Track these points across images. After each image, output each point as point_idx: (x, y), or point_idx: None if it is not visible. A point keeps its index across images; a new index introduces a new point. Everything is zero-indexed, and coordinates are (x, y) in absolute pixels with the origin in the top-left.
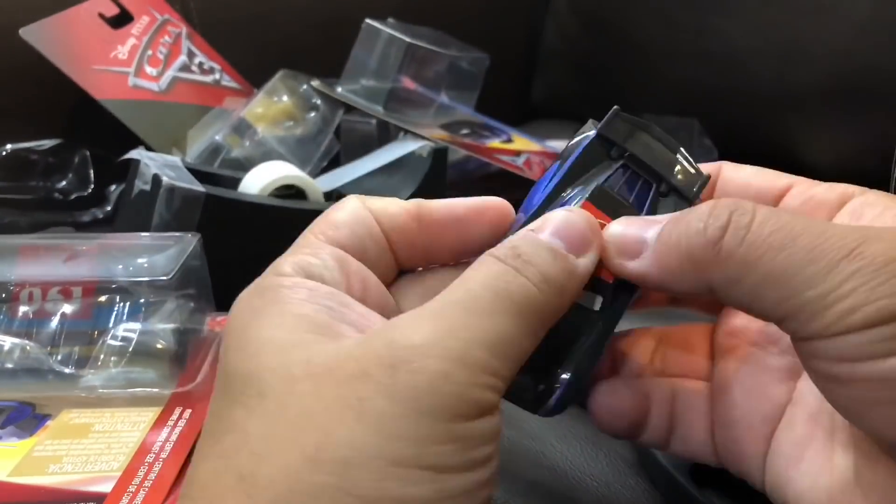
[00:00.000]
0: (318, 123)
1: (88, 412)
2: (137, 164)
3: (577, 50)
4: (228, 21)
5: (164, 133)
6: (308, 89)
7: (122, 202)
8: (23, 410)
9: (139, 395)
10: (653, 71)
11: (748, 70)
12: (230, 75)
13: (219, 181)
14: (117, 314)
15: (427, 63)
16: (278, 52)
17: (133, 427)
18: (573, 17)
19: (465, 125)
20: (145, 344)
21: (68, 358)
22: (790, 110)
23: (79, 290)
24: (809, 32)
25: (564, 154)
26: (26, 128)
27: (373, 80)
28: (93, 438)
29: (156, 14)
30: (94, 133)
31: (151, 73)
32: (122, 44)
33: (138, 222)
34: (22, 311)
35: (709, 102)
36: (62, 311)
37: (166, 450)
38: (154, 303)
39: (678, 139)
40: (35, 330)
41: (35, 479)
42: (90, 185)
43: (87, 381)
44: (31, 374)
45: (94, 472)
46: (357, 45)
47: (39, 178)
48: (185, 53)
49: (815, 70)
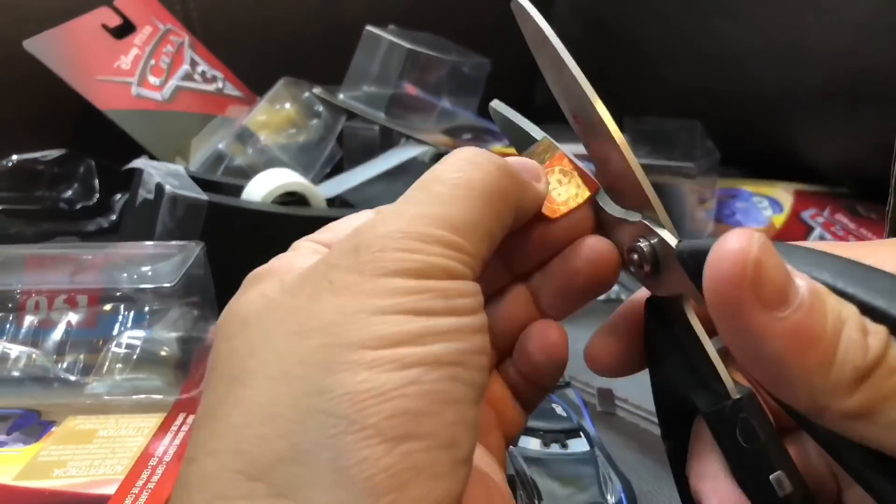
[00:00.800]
0: (321, 130)
1: (93, 418)
2: (141, 174)
3: (578, 53)
4: (231, 30)
5: (168, 142)
6: (310, 96)
7: (126, 211)
8: (28, 417)
9: (143, 401)
10: (654, 74)
11: (749, 72)
12: (233, 84)
13: (222, 189)
14: (122, 322)
15: (428, 69)
16: (280, 60)
17: (137, 433)
18: (575, 20)
19: (467, 130)
20: (149, 351)
21: (73, 366)
22: (791, 111)
23: (84, 299)
24: (810, 34)
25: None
26: (31, 138)
27: (374, 86)
28: (97, 444)
29: (158, 24)
30: (98, 143)
31: (154, 83)
32: (126, 54)
33: (142, 231)
34: (28, 319)
35: (710, 104)
36: (68, 320)
37: (169, 454)
38: (158, 311)
39: (680, 141)
40: (41, 338)
41: (40, 483)
42: (95, 194)
43: (92, 389)
44: (37, 382)
45: (98, 475)
46: (358, 52)
47: (45, 189)
48: (187, 62)
49: (816, 71)
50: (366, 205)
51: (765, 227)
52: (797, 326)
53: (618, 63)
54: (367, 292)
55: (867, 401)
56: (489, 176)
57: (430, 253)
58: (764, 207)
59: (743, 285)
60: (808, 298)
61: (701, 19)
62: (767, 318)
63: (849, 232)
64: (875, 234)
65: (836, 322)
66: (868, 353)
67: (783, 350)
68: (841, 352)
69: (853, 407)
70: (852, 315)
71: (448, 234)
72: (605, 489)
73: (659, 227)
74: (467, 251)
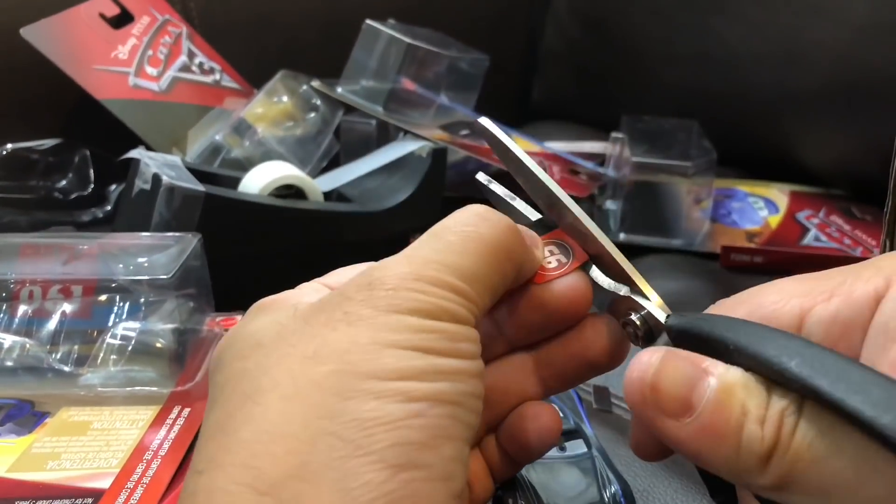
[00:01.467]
0: (318, 124)
1: (87, 410)
2: (137, 164)
3: (576, 52)
4: (229, 22)
5: (164, 133)
6: (308, 90)
7: (122, 201)
8: (22, 408)
9: (138, 393)
10: (652, 73)
11: (747, 72)
12: (230, 75)
13: (219, 181)
14: (117, 313)
15: (427, 64)
16: (278, 53)
17: (132, 425)
18: (573, 18)
19: (464, 126)
20: (145, 343)
21: (68, 356)
22: (789, 112)
23: (79, 289)
24: (808, 35)
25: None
26: (27, 127)
27: (373, 80)
28: (91, 436)
29: (156, 14)
30: (94, 133)
31: (152, 73)
32: (123, 44)
33: (138, 222)
34: (22, 309)
35: (708, 104)
36: (62, 310)
37: (164, 447)
38: (154, 302)
39: (677, 140)
40: (35, 328)
41: (33, 475)
42: (90, 184)
43: (87, 380)
44: (31, 372)
45: (93, 468)
46: (357, 46)
47: (40, 178)
48: (185, 54)
49: (814, 72)
50: (362, 199)
51: (760, 227)
52: (702, 428)
53: (616, 62)
54: (379, 326)
55: (777, 478)
56: (498, 232)
57: (439, 296)
58: (759, 208)
59: (646, 405)
60: (714, 398)
61: (699, 19)
62: (675, 425)
63: (844, 233)
64: (870, 237)
65: (739, 417)
66: (764, 441)
67: (696, 447)
68: (744, 443)
69: (769, 483)
70: (754, 406)
71: (457, 280)
72: (604, 491)
73: (646, 301)
74: (472, 299)
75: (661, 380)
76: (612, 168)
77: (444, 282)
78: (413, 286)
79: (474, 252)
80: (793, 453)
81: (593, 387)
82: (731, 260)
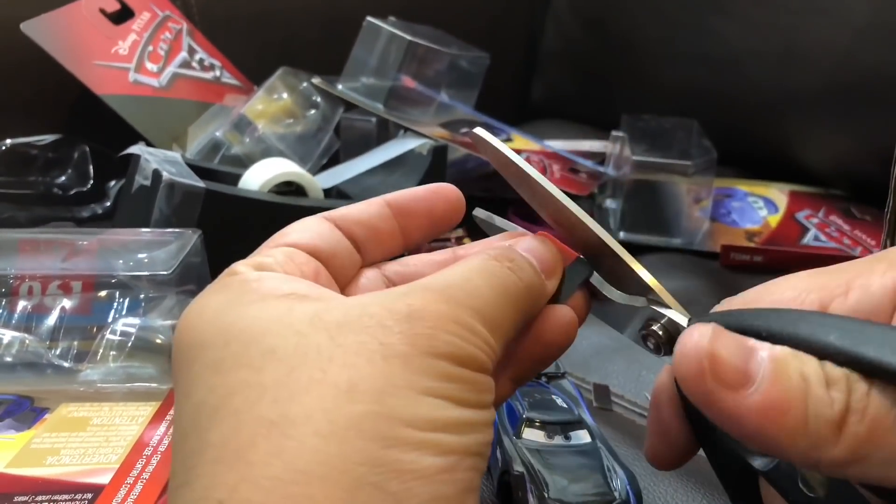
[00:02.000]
0: (318, 121)
1: (87, 406)
2: (138, 160)
3: (576, 50)
4: (229, 18)
5: (165, 129)
6: (308, 87)
7: (121, 197)
8: (21, 403)
9: (138, 389)
10: (652, 72)
11: (747, 71)
12: (230, 72)
13: (219, 177)
14: (117, 309)
15: (427, 61)
16: (279, 50)
17: (131, 421)
18: (573, 17)
19: (464, 124)
20: (144, 339)
21: (67, 352)
22: (789, 111)
23: (78, 285)
24: (808, 34)
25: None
26: (26, 122)
27: (373, 77)
28: (91, 432)
29: (157, 10)
30: (94, 128)
31: (152, 69)
32: (123, 39)
33: (138, 218)
34: (21, 305)
35: (708, 103)
36: (61, 306)
37: (164, 443)
38: (154, 298)
39: (677, 139)
40: (34, 324)
41: (33, 471)
42: (90, 180)
43: (86, 376)
44: (30, 368)
45: (92, 464)
46: (358, 43)
47: (39, 173)
48: (185, 50)
49: (814, 71)
50: (362, 196)
51: (759, 226)
52: (765, 399)
53: (616, 62)
54: (416, 368)
55: (851, 447)
56: (528, 287)
57: (473, 344)
58: (759, 207)
59: (705, 378)
60: (770, 368)
61: (699, 19)
62: (736, 398)
63: (843, 233)
64: (869, 237)
65: (800, 384)
66: (834, 405)
67: (760, 423)
68: (811, 411)
69: (842, 455)
70: (813, 371)
71: (485, 329)
72: (611, 480)
73: (666, 309)
74: (494, 348)
75: (718, 349)
76: (611, 167)
77: (476, 329)
78: (451, 329)
79: (504, 305)
80: (871, 419)
81: (593, 385)
82: (731, 259)
